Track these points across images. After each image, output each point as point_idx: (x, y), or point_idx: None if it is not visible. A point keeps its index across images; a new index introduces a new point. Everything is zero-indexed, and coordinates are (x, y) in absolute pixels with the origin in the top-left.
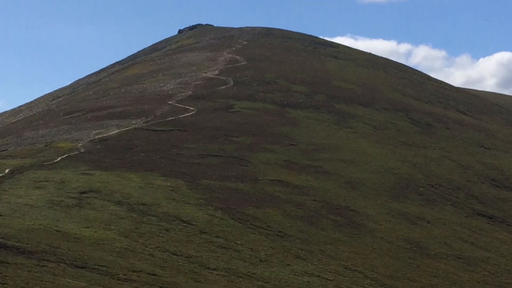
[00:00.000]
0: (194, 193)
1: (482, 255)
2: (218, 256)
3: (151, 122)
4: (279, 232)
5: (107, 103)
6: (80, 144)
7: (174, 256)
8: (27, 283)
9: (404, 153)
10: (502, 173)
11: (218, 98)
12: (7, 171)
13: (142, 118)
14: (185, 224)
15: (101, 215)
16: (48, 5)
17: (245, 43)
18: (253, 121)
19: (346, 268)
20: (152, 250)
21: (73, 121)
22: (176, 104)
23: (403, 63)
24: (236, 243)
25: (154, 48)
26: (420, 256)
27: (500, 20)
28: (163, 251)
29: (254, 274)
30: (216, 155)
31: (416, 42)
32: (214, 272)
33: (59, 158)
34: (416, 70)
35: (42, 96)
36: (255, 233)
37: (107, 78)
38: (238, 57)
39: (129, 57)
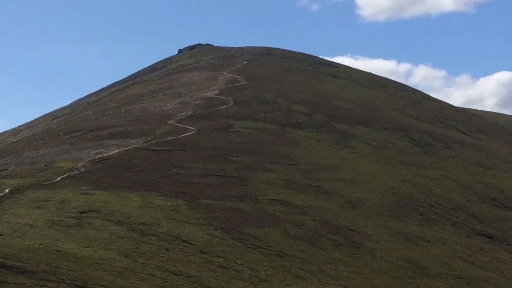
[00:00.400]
0: (194, 212)
1: (482, 274)
2: (218, 276)
3: (151, 141)
4: (279, 251)
5: (107, 123)
6: (80, 164)
7: (174, 276)
8: None
9: (404, 173)
10: (502, 192)
11: (218, 117)
12: (7, 190)
13: (142, 137)
14: (185, 244)
15: (101, 234)
16: (48, 25)
17: (245, 62)
18: (253, 140)
19: None
20: (152, 269)
21: (73, 140)
22: (176, 124)
23: (403, 82)
24: (236, 263)
25: (154, 67)
26: (420, 276)
27: (500, 40)
28: (163, 271)
29: None
30: (216, 175)
31: (416, 61)
32: None
33: (59, 178)
34: (416, 90)
35: (42, 116)
36: (255, 253)
37: (107, 98)
38: (238, 76)
39: (129, 76)
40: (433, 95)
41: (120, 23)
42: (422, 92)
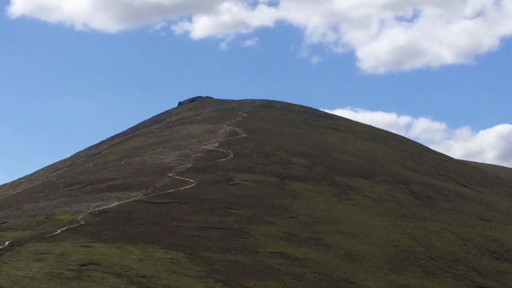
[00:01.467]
0: (194, 265)
1: None
2: None
3: (151, 194)
4: None
5: (107, 176)
6: (80, 217)
7: None
8: None
9: (404, 226)
10: (502, 245)
11: (218, 170)
12: (7, 243)
13: (142, 190)
14: None
15: (101, 287)
16: (48, 78)
17: (245, 115)
18: (253, 193)
19: None
20: None
21: (73, 193)
22: (176, 177)
23: (403, 135)
24: None
25: (154, 120)
26: None
27: (500, 93)
28: None
29: None
30: (216, 227)
31: (416, 114)
32: None
33: (59, 230)
34: (416, 143)
35: (42, 169)
36: None
37: (107, 151)
38: (238, 129)
39: (129, 129)
40: (433, 147)
41: (120, 76)
42: (422, 145)
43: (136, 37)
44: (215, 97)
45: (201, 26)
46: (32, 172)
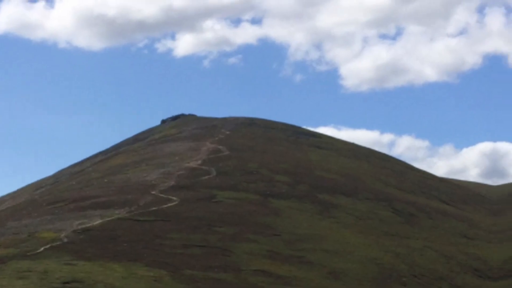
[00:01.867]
0: (177, 283)
1: None
2: None
3: (134, 212)
4: None
5: (90, 193)
6: (63, 234)
7: None
8: None
9: (387, 243)
10: (485, 263)
11: (201, 188)
12: None
13: (126, 208)
14: None
15: None
16: (31, 95)
17: (228, 133)
18: (236, 211)
19: None
20: None
21: (56, 211)
22: (159, 194)
23: (386, 153)
24: None
25: (137, 138)
26: None
27: (483, 111)
28: None
29: None
30: (199, 245)
31: (399, 132)
32: None
33: (42, 248)
34: (399, 160)
35: (25, 186)
36: None
37: (90, 168)
38: (221, 147)
39: (112, 147)
40: (416, 165)
41: (103, 94)
42: (405, 163)
43: (119, 55)
44: (198, 115)
45: (184, 44)
46: (15, 189)
